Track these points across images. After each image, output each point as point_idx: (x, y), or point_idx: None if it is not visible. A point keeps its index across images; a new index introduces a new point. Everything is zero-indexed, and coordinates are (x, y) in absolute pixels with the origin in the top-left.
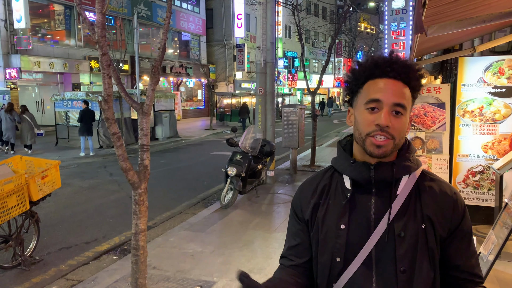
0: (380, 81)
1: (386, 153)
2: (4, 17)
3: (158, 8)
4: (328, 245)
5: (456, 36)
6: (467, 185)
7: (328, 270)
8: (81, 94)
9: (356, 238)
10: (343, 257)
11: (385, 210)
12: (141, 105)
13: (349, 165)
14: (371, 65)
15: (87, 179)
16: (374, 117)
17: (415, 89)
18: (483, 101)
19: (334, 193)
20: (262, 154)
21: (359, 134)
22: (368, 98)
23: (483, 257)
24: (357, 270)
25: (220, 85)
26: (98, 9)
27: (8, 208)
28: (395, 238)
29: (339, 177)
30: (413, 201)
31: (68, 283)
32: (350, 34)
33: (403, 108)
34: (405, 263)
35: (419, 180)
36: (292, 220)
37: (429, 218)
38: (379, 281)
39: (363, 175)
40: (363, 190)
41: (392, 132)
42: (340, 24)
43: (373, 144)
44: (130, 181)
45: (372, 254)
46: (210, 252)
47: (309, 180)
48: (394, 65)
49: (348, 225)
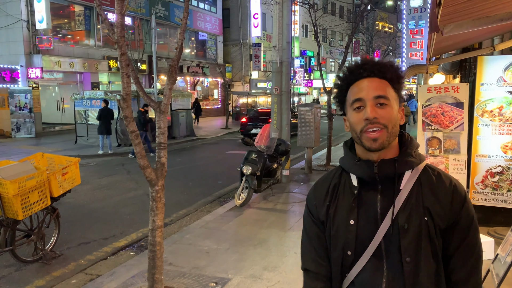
0: (359, 83)
1: (384, 144)
2: (27, 18)
3: (176, 8)
4: (339, 240)
5: (475, 34)
6: (485, 186)
7: (341, 263)
8: (100, 93)
9: (365, 232)
10: (354, 251)
11: (390, 204)
12: (159, 104)
13: (354, 164)
14: (347, 74)
15: (105, 176)
16: (361, 114)
17: (393, 81)
18: (502, 100)
19: (343, 191)
20: (277, 153)
21: (355, 134)
22: (352, 99)
23: (500, 259)
24: (368, 261)
25: (236, 84)
26: (117, 10)
27: (31, 203)
28: (400, 230)
29: (346, 176)
30: (416, 195)
31: (87, 277)
32: (367, 33)
33: (385, 98)
34: (410, 254)
35: (421, 175)
36: (308, 220)
37: (428, 210)
38: (389, 271)
39: (368, 172)
40: (369, 186)
41: (382, 121)
42: (357, 23)
43: (368, 138)
44: (148, 178)
45: (382, 246)
46: (225, 250)
47: (321, 181)
48: (365, 65)
49: (357, 220)
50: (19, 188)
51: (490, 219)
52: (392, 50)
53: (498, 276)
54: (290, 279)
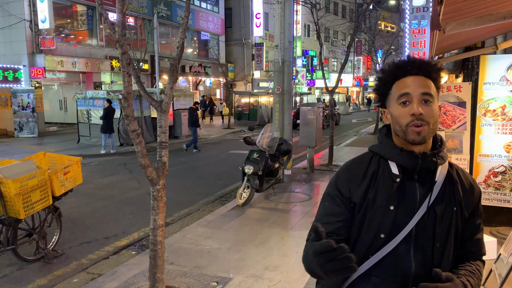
0: (405, 79)
1: (426, 139)
2: (29, 17)
3: (178, 8)
4: (375, 223)
5: (478, 33)
6: (488, 185)
7: (369, 245)
8: (102, 93)
9: (401, 218)
10: (387, 234)
11: (426, 194)
12: (160, 103)
13: (397, 153)
14: (394, 69)
15: (107, 176)
16: (407, 109)
17: (436, 80)
18: (505, 100)
19: (382, 177)
20: (279, 153)
21: (399, 127)
22: (399, 94)
23: (503, 259)
24: (397, 245)
25: (238, 84)
26: (118, 8)
27: (32, 202)
28: (436, 218)
29: (384, 163)
30: (449, 187)
31: (89, 276)
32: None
33: (431, 96)
34: (441, 240)
35: (449, 169)
36: (335, 200)
37: (460, 202)
38: (417, 254)
39: (412, 162)
40: (408, 176)
41: (426, 119)
42: (359, 23)
43: (414, 132)
44: (149, 177)
45: (413, 232)
46: (227, 249)
47: (355, 164)
48: (413, 64)
49: (397, 206)
50: (21, 187)
51: (492, 219)
52: (395, 49)
53: (500, 276)
54: (291, 278)
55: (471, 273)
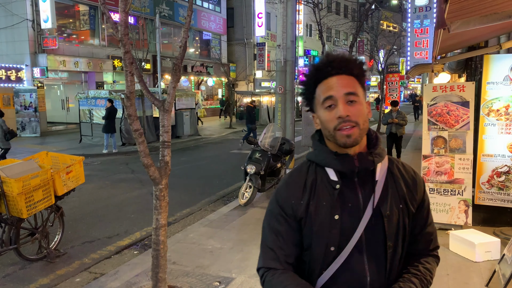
0: (327, 81)
1: (357, 140)
2: (32, 17)
3: (180, 7)
4: (323, 236)
5: (481, 32)
6: (491, 185)
7: (322, 259)
8: (104, 93)
9: (348, 225)
10: (337, 246)
11: (369, 195)
12: (163, 102)
13: (333, 158)
14: (314, 72)
15: (109, 175)
16: (333, 112)
17: (360, 76)
18: (509, 99)
19: (321, 186)
20: (282, 153)
21: (328, 132)
22: (323, 97)
23: (507, 259)
24: (349, 254)
25: (240, 84)
26: (121, 7)
27: (35, 201)
28: (384, 219)
29: (321, 171)
30: (390, 184)
31: (91, 275)
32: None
33: (355, 95)
34: (392, 240)
35: (389, 166)
36: (278, 218)
37: (404, 198)
38: (371, 262)
39: (349, 165)
40: (347, 180)
41: (354, 119)
42: (361, 22)
43: (343, 135)
44: (151, 176)
45: (362, 238)
46: (229, 249)
47: (294, 177)
48: (332, 63)
49: (341, 215)
50: (24, 187)
51: (496, 219)
52: (397, 49)
53: (504, 276)
54: None
55: (414, 275)
